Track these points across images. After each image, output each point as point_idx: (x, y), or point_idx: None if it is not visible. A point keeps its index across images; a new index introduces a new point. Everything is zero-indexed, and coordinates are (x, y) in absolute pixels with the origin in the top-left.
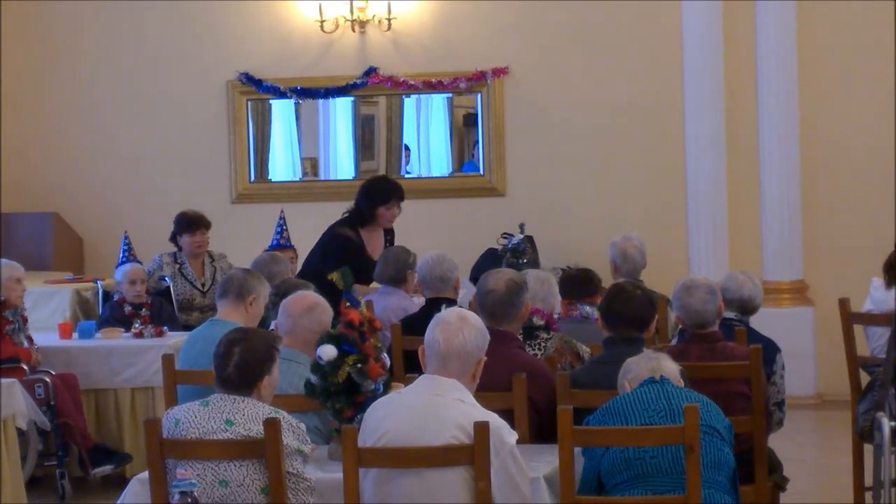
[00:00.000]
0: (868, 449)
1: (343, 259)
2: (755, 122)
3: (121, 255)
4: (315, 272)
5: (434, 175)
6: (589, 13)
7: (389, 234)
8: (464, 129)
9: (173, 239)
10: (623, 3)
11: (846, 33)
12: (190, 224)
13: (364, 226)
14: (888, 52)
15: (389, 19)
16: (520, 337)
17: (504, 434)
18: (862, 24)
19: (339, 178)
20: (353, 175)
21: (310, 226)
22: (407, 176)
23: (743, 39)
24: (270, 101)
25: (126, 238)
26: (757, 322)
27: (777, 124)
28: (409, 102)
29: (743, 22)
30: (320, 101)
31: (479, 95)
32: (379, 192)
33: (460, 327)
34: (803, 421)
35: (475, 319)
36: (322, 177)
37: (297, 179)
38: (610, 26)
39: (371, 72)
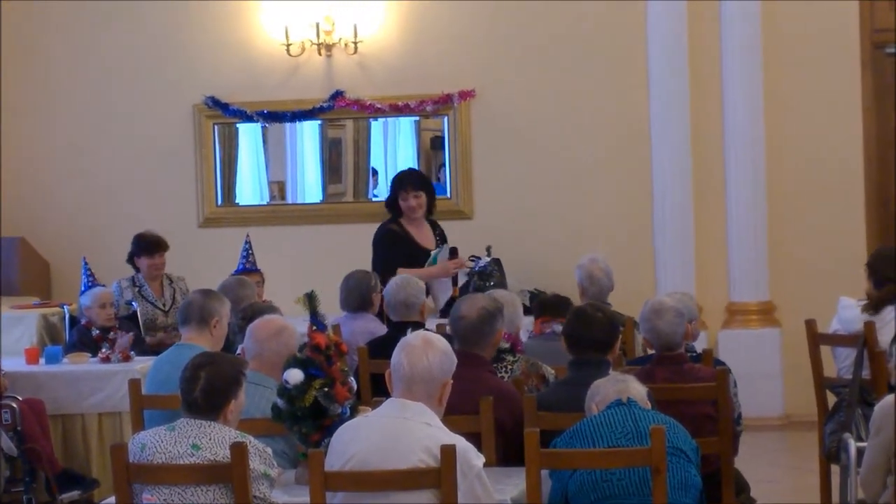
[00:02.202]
0: (835, 470)
1: (389, 249)
2: (721, 142)
3: (83, 280)
4: (378, 271)
5: None
6: (554, 35)
7: (436, 227)
8: (431, 152)
9: (130, 260)
10: (588, 25)
11: (811, 57)
12: (148, 247)
13: (403, 218)
14: (854, 65)
15: (356, 43)
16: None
17: (471, 457)
18: (827, 38)
19: (306, 201)
20: (321, 199)
21: (277, 249)
22: (374, 199)
23: (708, 60)
24: (237, 125)
25: (86, 264)
26: (724, 343)
27: (743, 144)
28: (377, 126)
29: (708, 43)
30: (287, 125)
31: (445, 118)
32: (394, 183)
33: (425, 351)
34: (770, 442)
35: (441, 343)
36: (290, 200)
37: (265, 203)
38: (575, 49)
39: (338, 95)
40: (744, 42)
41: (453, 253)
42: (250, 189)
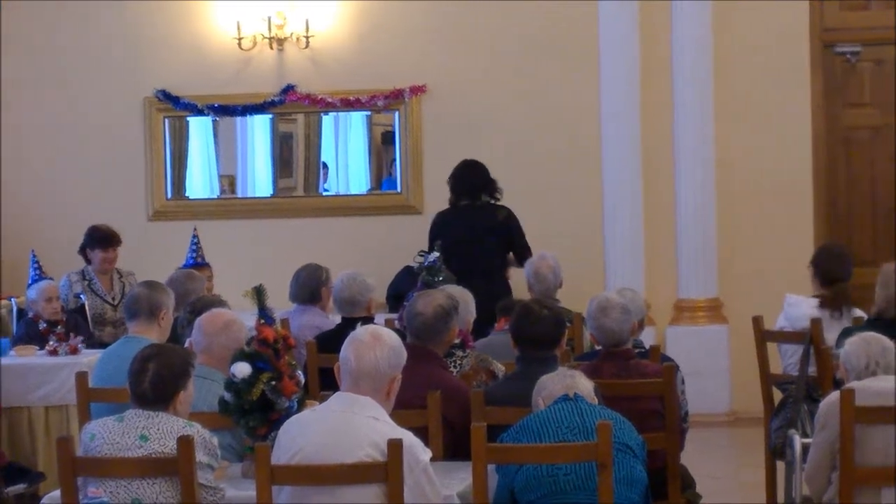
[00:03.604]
0: (781, 466)
1: None
2: (671, 139)
3: (31, 273)
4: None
5: (352, 193)
6: (506, 32)
7: None
8: (382, 147)
9: (82, 251)
10: (541, 22)
11: (761, 56)
12: (102, 240)
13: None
14: (804, 64)
15: (307, 37)
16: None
17: (418, 452)
18: (777, 46)
19: (256, 195)
20: (271, 192)
21: (228, 243)
22: (325, 193)
23: (659, 59)
24: (188, 119)
25: (34, 256)
26: (672, 339)
27: (693, 142)
28: (328, 120)
29: (659, 42)
30: (238, 119)
31: (396, 113)
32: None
33: (372, 346)
34: (717, 438)
35: (390, 338)
36: (240, 194)
37: (215, 197)
38: (527, 46)
39: (289, 89)
40: (694, 41)
41: None
42: (200, 183)
